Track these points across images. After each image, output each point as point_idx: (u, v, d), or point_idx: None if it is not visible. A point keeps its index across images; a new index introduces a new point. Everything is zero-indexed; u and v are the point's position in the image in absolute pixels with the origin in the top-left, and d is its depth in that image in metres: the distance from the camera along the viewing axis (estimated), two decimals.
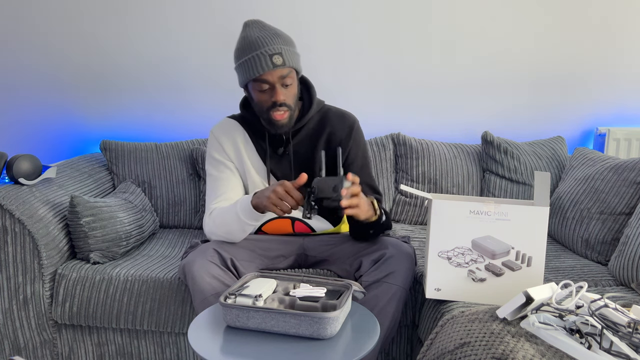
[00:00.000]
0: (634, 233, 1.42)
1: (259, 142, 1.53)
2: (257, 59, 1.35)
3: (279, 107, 1.39)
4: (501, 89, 2.24)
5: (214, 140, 1.55)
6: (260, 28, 1.41)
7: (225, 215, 1.40)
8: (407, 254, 1.36)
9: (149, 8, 2.21)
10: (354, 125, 1.54)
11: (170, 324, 1.55)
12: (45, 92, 2.30)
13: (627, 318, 0.91)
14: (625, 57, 2.20)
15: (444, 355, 1.01)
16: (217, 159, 1.53)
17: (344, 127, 1.52)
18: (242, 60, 1.38)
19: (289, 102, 1.40)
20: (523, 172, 2.00)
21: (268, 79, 1.36)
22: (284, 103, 1.39)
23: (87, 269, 1.60)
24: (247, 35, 1.40)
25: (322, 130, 1.52)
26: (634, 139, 2.19)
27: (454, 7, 2.17)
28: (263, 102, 1.40)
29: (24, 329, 1.63)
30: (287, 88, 1.40)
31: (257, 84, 1.38)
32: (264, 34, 1.38)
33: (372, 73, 2.23)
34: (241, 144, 1.53)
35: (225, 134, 1.54)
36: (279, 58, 1.35)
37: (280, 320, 1.05)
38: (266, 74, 1.36)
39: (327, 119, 1.53)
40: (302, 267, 1.56)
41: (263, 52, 1.35)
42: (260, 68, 1.35)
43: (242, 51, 1.39)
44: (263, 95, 1.40)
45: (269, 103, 1.39)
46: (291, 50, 1.40)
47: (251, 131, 1.53)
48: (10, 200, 1.56)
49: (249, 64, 1.36)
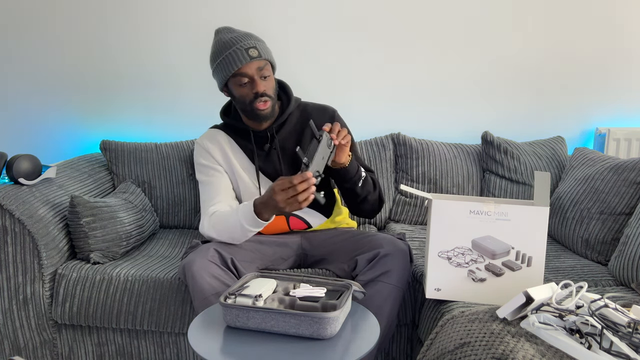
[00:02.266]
0: (634, 233, 1.42)
1: (244, 143, 1.56)
2: (234, 54, 1.41)
3: (261, 98, 1.43)
4: (501, 89, 2.24)
5: (200, 149, 1.58)
6: (230, 31, 1.48)
7: (227, 222, 1.41)
8: (402, 252, 1.36)
9: (149, 8, 2.21)
10: (334, 114, 1.60)
11: (170, 324, 1.55)
12: (45, 92, 2.30)
13: (627, 318, 0.91)
14: (625, 57, 2.20)
15: (444, 355, 1.01)
16: (205, 164, 1.56)
17: (325, 118, 1.57)
18: (219, 60, 1.44)
19: (269, 93, 1.45)
20: (523, 172, 2.00)
21: (247, 72, 1.42)
22: (264, 93, 1.44)
23: (87, 269, 1.60)
24: (220, 39, 1.46)
25: (305, 123, 1.57)
26: (634, 139, 2.19)
27: (454, 7, 2.17)
28: (245, 95, 1.45)
29: (23, 329, 1.63)
30: (266, 80, 1.45)
31: (236, 79, 1.43)
32: (236, 34, 1.45)
33: (372, 73, 2.23)
34: (227, 148, 1.56)
35: (211, 141, 1.58)
36: (254, 51, 1.42)
37: (280, 320, 1.05)
38: (244, 66, 1.41)
39: (307, 113, 1.58)
40: (301, 266, 1.56)
41: (238, 47, 1.41)
42: (238, 61, 1.40)
43: (218, 53, 1.45)
44: (244, 89, 1.44)
45: (250, 96, 1.44)
46: (264, 45, 1.47)
47: (235, 134, 1.57)
48: (10, 200, 1.56)
49: (226, 61, 1.42)
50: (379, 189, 1.56)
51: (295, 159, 1.55)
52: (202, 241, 1.52)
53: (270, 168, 1.55)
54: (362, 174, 1.48)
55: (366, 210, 1.55)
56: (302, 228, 1.59)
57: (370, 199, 1.52)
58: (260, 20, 2.19)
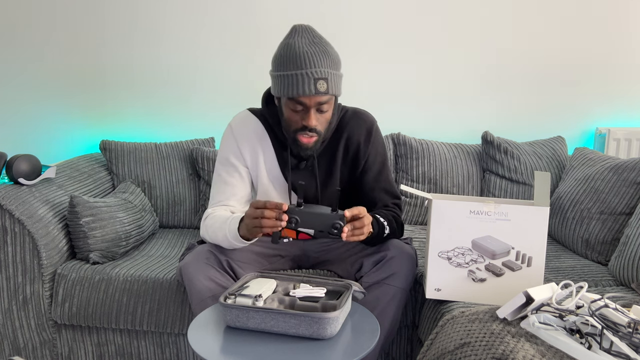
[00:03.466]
0: (634, 233, 1.42)
1: (280, 151, 1.42)
2: (300, 79, 1.23)
3: (309, 132, 1.29)
4: (501, 89, 2.24)
5: (232, 141, 1.44)
6: (310, 41, 1.27)
7: (217, 231, 1.35)
8: (409, 255, 1.35)
9: (149, 8, 2.21)
10: (372, 128, 1.45)
11: (169, 324, 1.55)
12: (45, 92, 2.30)
13: (627, 318, 0.91)
14: (625, 57, 2.20)
15: (444, 356, 1.01)
16: (232, 162, 1.43)
17: (362, 131, 1.43)
18: (283, 74, 1.26)
19: (319, 129, 1.31)
20: (523, 172, 2.00)
21: (305, 102, 1.26)
22: (314, 129, 1.29)
23: (87, 269, 1.60)
24: (294, 46, 1.26)
25: (341, 134, 1.43)
26: (634, 139, 2.19)
27: (454, 7, 2.17)
28: (293, 122, 1.30)
29: (23, 329, 1.62)
30: (322, 114, 1.30)
31: (292, 102, 1.27)
32: (314, 50, 1.25)
33: (372, 73, 2.23)
34: (260, 150, 1.43)
35: (246, 136, 1.43)
36: (324, 84, 1.23)
37: (280, 320, 1.05)
38: (305, 97, 1.25)
39: (345, 122, 1.43)
40: (302, 267, 1.56)
41: (308, 73, 1.22)
42: (302, 90, 1.23)
43: (285, 63, 1.25)
44: (295, 115, 1.29)
45: (299, 125, 1.29)
46: (337, 74, 1.28)
47: (273, 135, 1.43)
48: (10, 200, 1.56)
49: (290, 81, 1.24)
50: (401, 229, 1.44)
51: (328, 176, 1.43)
52: (197, 242, 1.49)
53: (300, 180, 1.40)
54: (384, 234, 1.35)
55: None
56: (307, 238, 1.55)
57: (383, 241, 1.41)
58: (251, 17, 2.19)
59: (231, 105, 2.09)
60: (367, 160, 1.44)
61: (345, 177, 1.45)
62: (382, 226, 1.34)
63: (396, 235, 1.42)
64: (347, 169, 1.45)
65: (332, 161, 1.43)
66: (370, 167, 1.45)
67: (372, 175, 1.45)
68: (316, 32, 1.30)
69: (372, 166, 1.45)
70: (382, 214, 1.37)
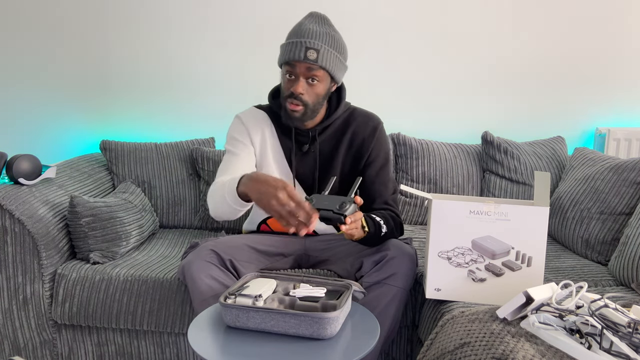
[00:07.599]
0: (634, 233, 1.42)
1: (284, 138, 1.51)
2: (294, 46, 1.35)
3: (294, 99, 1.38)
4: (501, 88, 2.24)
5: (240, 125, 1.52)
6: (318, 23, 1.40)
7: (216, 195, 1.33)
8: (409, 255, 1.35)
9: (149, 8, 2.21)
10: (378, 127, 1.52)
11: (170, 324, 1.55)
12: (45, 92, 2.30)
13: (627, 318, 0.91)
14: (625, 57, 2.20)
15: (444, 356, 1.01)
16: (239, 139, 1.50)
17: (368, 128, 1.51)
18: (285, 42, 1.39)
19: (306, 99, 1.38)
20: (523, 172, 2.00)
21: (295, 68, 1.36)
22: (299, 97, 1.38)
23: (87, 269, 1.60)
24: (302, 24, 1.40)
25: (347, 129, 1.51)
26: (634, 139, 2.19)
27: (454, 7, 2.17)
28: (285, 89, 1.41)
29: (23, 329, 1.62)
30: (312, 86, 1.38)
31: (285, 68, 1.39)
32: (317, 28, 1.37)
33: (372, 73, 2.23)
34: (267, 137, 1.51)
35: (253, 123, 1.52)
36: (313, 53, 1.34)
37: (280, 320, 1.05)
38: (295, 62, 1.35)
39: (352, 118, 1.52)
40: (302, 267, 1.56)
41: (303, 42, 1.34)
42: (292, 55, 1.35)
43: (289, 34, 1.40)
44: (287, 83, 1.40)
45: (287, 91, 1.40)
46: (333, 54, 1.38)
47: (278, 124, 1.51)
48: (10, 200, 1.56)
49: (287, 48, 1.37)
50: (400, 228, 1.46)
51: (329, 163, 1.49)
52: (201, 241, 1.51)
53: (303, 168, 1.51)
54: (381, 234, 1.37)
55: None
56: (309, 234, 1.56)
57: (381, 241, 1.43)
58: (250, 17, 2.19)
59: (231, 106, 2.10)
60: (370, 154, 1.50)
61: (347, 169, 1.50)
62: (378, 225, 1.35)
63: (395, 233, 1.44)
64: (349, 162, 1.50)
65: (334, 150, 1.50)
66: (373, 161, 1.50)
67: (374, 170, 1.49)
68: (329, 20, 1.42)
69: (374, 161, 1.50)
70: (378, 214, 1.40)
